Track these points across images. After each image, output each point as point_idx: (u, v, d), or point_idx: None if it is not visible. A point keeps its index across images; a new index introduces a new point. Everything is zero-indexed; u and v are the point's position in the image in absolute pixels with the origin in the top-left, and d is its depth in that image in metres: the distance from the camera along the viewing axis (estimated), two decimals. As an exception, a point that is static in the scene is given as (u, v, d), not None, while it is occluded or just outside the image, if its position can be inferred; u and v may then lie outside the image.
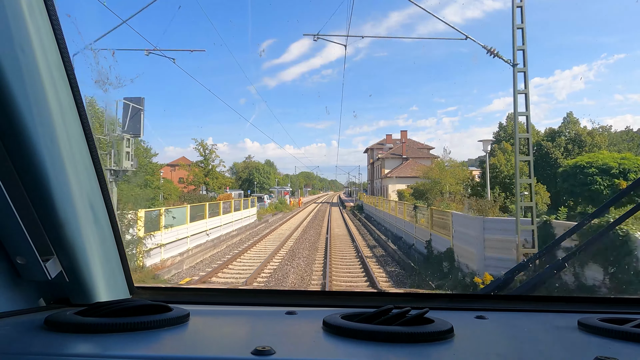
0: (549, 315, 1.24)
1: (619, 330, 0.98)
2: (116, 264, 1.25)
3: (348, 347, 0.91)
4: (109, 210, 1.20)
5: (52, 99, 0.95)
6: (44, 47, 0.94)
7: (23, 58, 0.87)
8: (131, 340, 0.91)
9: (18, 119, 0.88)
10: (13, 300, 1.07)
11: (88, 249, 1.10)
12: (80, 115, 1.06)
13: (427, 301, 1.38)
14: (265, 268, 13.11)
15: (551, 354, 0.93)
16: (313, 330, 1.02)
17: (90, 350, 0.87)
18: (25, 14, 0.88)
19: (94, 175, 1.13)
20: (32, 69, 0.89)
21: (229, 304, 1.35)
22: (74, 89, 1.03)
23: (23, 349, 0.86)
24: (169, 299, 1.25)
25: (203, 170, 41.62)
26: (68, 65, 1.01)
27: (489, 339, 1.01)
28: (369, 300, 1.43)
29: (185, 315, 1.07)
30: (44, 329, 0.96)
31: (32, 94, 0.90)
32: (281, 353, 0.85)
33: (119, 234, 1.25)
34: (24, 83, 0.88)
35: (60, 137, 0.98)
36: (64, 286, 1.13)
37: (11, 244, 1.02)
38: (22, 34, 0.87)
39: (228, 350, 0.90)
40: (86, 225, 1.09)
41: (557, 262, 1.38)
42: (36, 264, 1.03)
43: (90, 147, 1.10)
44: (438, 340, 0.94)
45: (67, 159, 1.01)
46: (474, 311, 1.23)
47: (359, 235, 22.50)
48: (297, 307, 1.25)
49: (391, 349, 0.89)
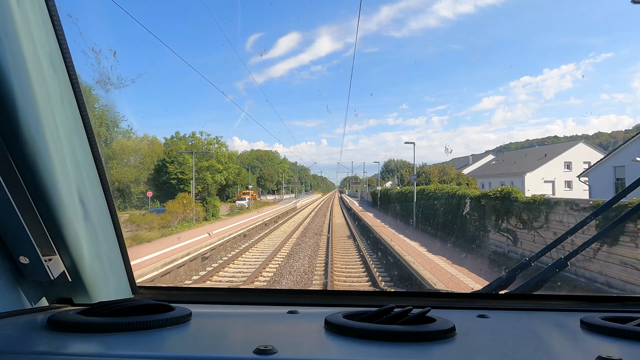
0: (551, 314, 1.23)
1: (621, 329, 0.98)
2: (118, 264, 1.26)
3: (350, 347, 0.91)
4: (111, 210, 1.21)
5: (54, 99, 0.96)
6: (46, 47, 0.94)
7: (25, 58, 0.88)
8: (134, 339, 0.92)
9: (20, 119, 0.88)
10: (16, 300, 1.08)
11: (90, 249, 1.10)
12: (82, 115, 1.06)
13: (429, 300, 1.38)
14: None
15: (553, 353, 0.93)
16: (315, 330, 1.03)
17: (93, 349, 0.87)
18: (26, 15, 0.88)
19: (96, 175, 1.14)
20: (33, 69, 0.90)
21: (230, 304, 1.35)
22: (76, 89, 1.04)
23: (26, 349, 0.86)
24: (171, 299, 1.25)
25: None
26: (69, 65, 1.01)
27: (490, 338, 1.01)
28: (370, 299, 1.43)
29: (187, 315, 1.07)
30: (47, 328, 0.97)
31: (33, 94, 0.90)
32: (283, 352, 0.86)
33: (121, 234, 1.25)
34: (25, 83, 0.88)
35: (62, 136, 0.99)
36: (67, 286, 1.13)
37: (14, 244, 1.02)
38: (24, 35, 0.88)
39: (230, 350, 0.90)
40: (88, 225, 1.09)
41: (559, 261, 1.38)
42: (39, 264, 1.03)
43: (92, 147, 1.11)
44: (440, 339, 0.94)
45: (69, 159, 1.01)
46: (476, 310, 1.23)
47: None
48: (298, 307, 1.25)
49: (393, 348, 0.89)
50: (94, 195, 1.13)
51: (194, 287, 2.47)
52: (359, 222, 26.81)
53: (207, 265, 13.53)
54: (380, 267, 13.19)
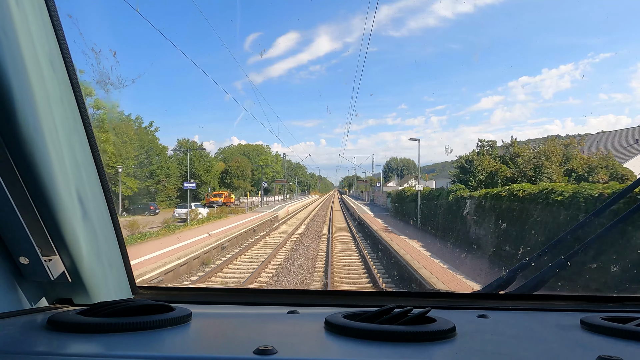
0: (551, 314, 1.23)
1: (621, 329, 0.98)
2: (118, 264, 1.26)
3: (350, 347, 0.91)
4: (111, 210, 1.21)
5: (53, 100, 0.96)
6: (45, 47, 0.94)
7: (24, 59, 0.87)
8: (134, 340, 0.92)
9: (20, 120, 0.88)
10: (16, 300, 1.08)
11: (90, 249, 1.10)
12: (82, 115, 1.06)
13: (429, 300, 1.38)
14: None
15: (554, 353, 0.93)
16: (315, 330, 1.03)
17: (93, 350, 0.87)
18: (26, 15, 0.88)
19: (96, 175, 1.14)
20: (33, 69, 0.90)
21: (231, 304, 1.35)
22: (76, 89, 1.04)
23: (26, 349, 0.86)
24: (171, 299, 1.25)
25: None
26: (69, 65, 1.01)
27: (491, 338, 1.01)
28: (370, 299, 1.43)
29: (187, 315, 1.07)
30: (47, 329, 0.97)
31: (33, 95, 0.90)
32: (283, 353, 0.85)
33: (121, 234, 1.25)
34: (25, 84, 0.88)
35: (62, 137, 0.99)
36: (67, 286, 1.13)
37: (14, 245, 1.02)
38: (24, 35, 0.87)
39: (230, 350, 0.90)
40: (88, 225, 1.09)
41: (559, 261, 1.38)
42: (39, 264, 1.03)
43: (92, 147, 1.11)
44: (440, 340, 0.94)
45: (69, 159, 1.01)
46: (476, 310, 1.23)
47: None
48: (299, 307, 1.25)
49: (393, 348, 0.89)
50: (94, 196, 1.13)
51: (194, 288, 2.47)
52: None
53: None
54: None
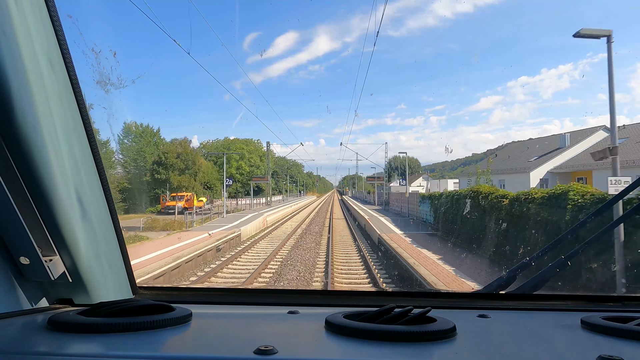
0: (552, 314, 1.23)
1: (622, 328, 0.98)
2: (119, 264, 1.26)
3: (350, 347, 0.91)
4: (111, 210, 1.21)
5: (53, 100, 0.96)
6: (45, 48, 0.94)
7: (24, 59, 0.87)
8: (134, 340, 0.92)
9: (20, 120, 0.88)
10: (16, 300, 1.08)
11: (91, 249, 1.10)
12: (82, 115, 1.06)
13: (429, 300, 1.38)
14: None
15: (554, 352, 0.93)
16: (315, 330, 1.03)
17: (94, 350, 0.87)
18: (26, 15, 0.88)
19: (96, 175, 1.14)
20: (33, 69, 0.90)
21: (231, 304, 1.35)
22: (76, 89, 1.04)
23: (27, 349, 0.86)
24: (171, 299, 1.25)
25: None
26: (69, 65, 1.01)
27: (491, 338, 1.01)
28: (371, 299, 1.43)
29: (187, 315, 1.07)
30: (48, 329, 0.97)
31: (33, 95, 0.90)
32: (283, 352, 0.85)
33: (121, 234, 1.25)
34: (25, 84, 0.88)
35: (62, 137, 0.99)
36: (67, 286, 1.13)
37: (14, 245, 1.02)
38: (24, 35, 0.87)
39: (230, 350, 0.90)
40: (89, 225, 1.09)
41: (559, 261, 1.38)
42: (39, 265, 1.03)
43: (92, 147, 1.11)
44: (440, 339, 0.94)
45: (69, 159, 1.01)
46: (476, 310, 1.23)
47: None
48: (299, 307, 1.25)
49: (393, 348, 0.89)
50: (94, 196, 1.13)
51: (194, 288, 2.47)
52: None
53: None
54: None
